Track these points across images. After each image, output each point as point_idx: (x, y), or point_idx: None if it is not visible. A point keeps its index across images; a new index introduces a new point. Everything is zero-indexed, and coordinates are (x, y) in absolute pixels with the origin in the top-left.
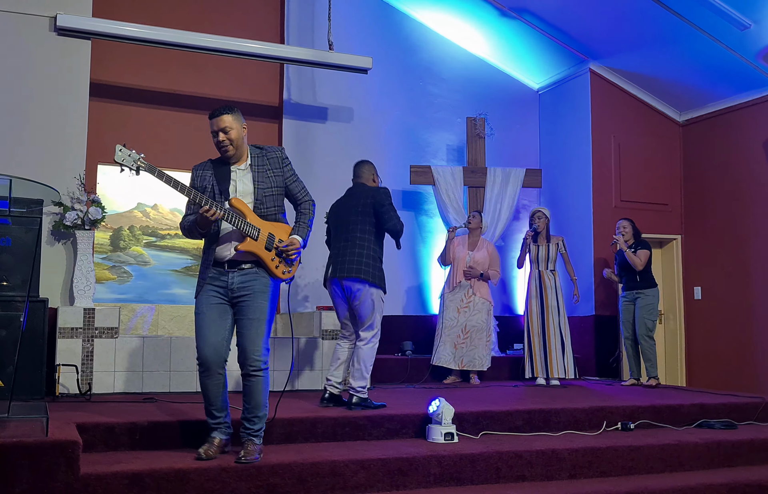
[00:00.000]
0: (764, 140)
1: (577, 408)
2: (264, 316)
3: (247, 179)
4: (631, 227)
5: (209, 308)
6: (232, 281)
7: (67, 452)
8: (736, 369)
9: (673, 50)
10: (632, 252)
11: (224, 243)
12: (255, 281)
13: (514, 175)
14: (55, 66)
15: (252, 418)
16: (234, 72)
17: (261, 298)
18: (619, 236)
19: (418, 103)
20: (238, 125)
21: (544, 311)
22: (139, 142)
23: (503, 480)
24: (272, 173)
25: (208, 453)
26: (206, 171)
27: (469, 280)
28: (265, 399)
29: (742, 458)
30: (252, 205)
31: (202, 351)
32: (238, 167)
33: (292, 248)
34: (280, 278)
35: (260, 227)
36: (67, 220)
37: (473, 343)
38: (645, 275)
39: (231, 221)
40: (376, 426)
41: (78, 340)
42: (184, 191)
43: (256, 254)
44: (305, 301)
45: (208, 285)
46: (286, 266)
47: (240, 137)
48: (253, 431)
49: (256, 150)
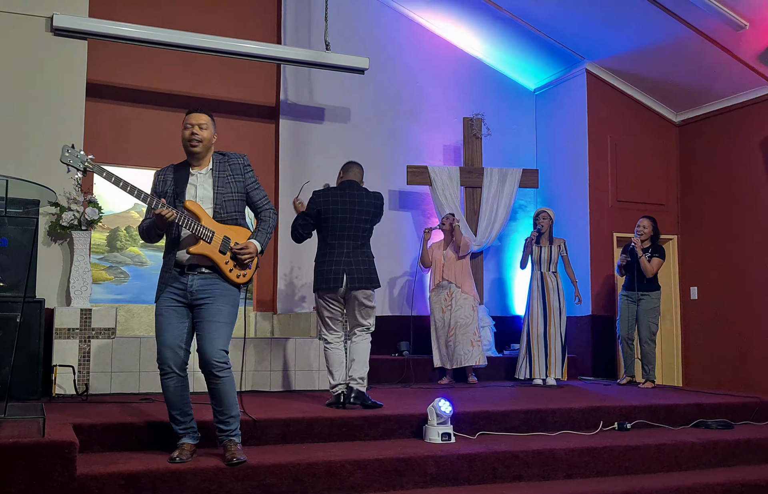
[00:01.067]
0: (760, 140)
1: (574, 408)
2: (224, 318)
3: (208, 184)
4: (651, 228)
5: (168, 311)
6: (191, 284)
7: (64, 452)
8: (732, 369)
9: (669, 50)
10: (647, 258)
11: (183, 247)
12: (214, 284)
13: (510, 175)
14: (51, 66)
15: (226, 420)
16: (231, 72)
17: (221, 301)
18: (637, 239)
19: (415, 104)
20: (212, 128)
21: (547, 313)
22: (135, 142)
23: (500, 480)
24: (233, 178)
25: (181, 457)
26: (167, 175)
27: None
28: (234, 397)
29: (738, 458)
30: (211, 209)
31: (161, 353)
32: (199, 171)
33: (246, 251)
34: (234, 281)
35: (215, 230)
36: (63, 220)
37: (458, 339)
38: (652, 277)
39: (183, 223)
40: (373, 426)
41: (75, 341)
42: (134, 193)
43: (208, 256)
44: (302, 301)
45: (168, 288)
46: (241, 269)
47: (210, 141)
48: (230, 432)
49: (219, 156)
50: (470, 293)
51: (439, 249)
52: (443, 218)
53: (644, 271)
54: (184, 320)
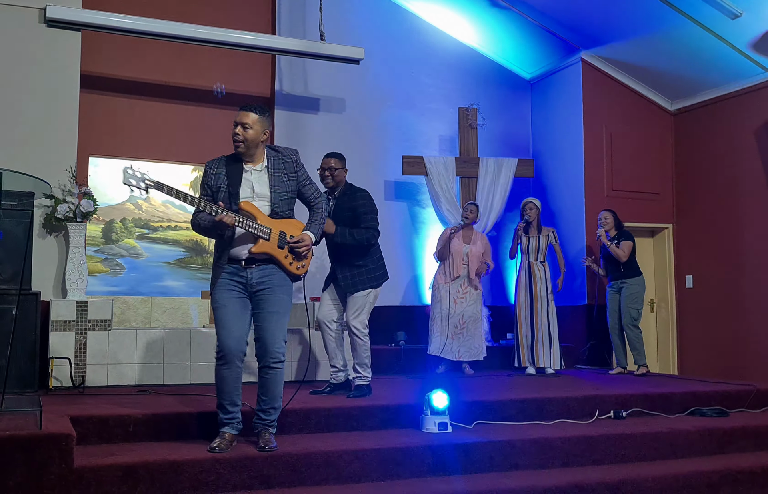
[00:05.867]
0: (755, 129)
1: (570, 397)
2: (283, 309)
3: (264, 182)
4: (612, 218)
5: (231, 301)
6: (251, 277)
7: (61, 444)
8: (727, 357)
9: (664, 39)
10: (615, 244)
11: (238, 245)
12: (273, 275)
13: (506, 165)
14: (45, 58)
15: (268, 409)
16: (225, 63)
17: (281, 292)
18: (601, 229)
19: (410, 94)
20: (260, 127)
21: (533, 302)
22: (129, 134)
23: (496, 469)
24: (287, 177)
25: (221, 447)
26: (220, 169)
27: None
28: (281, 390)
29: (733, 445)
30: (268, 207)
31: (225, 342)
32: (253, 168)
33: (302, 243)
34: (294, 273)
35: (271, 226)
36: (58, 213)
37: (470, 333)
38: (629, 264)
39: (242, 225)
40: (370, 416)
41: (71, 333)
42: (193, 202)
43: (269, 253)
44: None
45: (227, 280)
46: (299, 261)
47: (256, 140)
48: (269, 421)
49: (272, 152)
50: (480, 288)
51: (459, 241)
52: (466, 210)
53: (616, 257)
54: (246, 310)
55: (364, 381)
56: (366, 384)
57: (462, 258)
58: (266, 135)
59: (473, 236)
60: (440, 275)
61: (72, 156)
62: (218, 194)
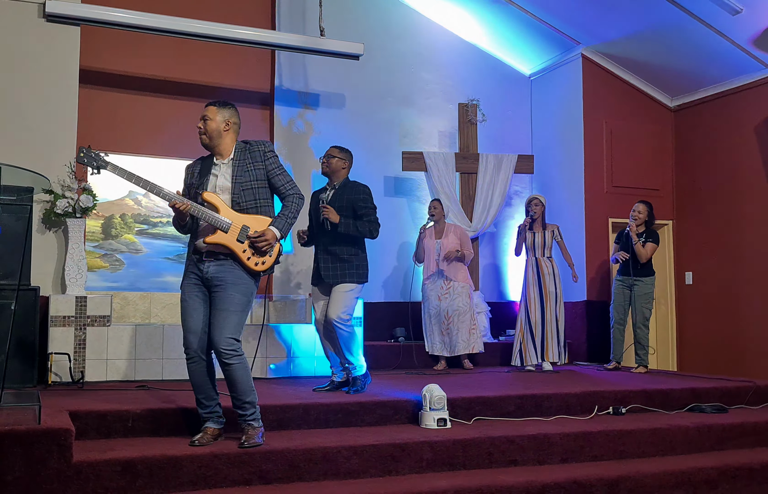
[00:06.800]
0: (756, 125)
1: (569, 393)
2: (234, 308)
3: (228, 174)
4: (646, 212)
5: (191, 297)
6: (207, 271)
7: (60, 439)
8: (727, 354)
9: (664, 35)
10: (641, 243)
11: (202, 236)
12: (228, 272)
13: (506, 161)
14: (44, 53)
15: (241, 405)
16: (225, 59)
17: (232, 289)
18: (632, 223)
19: (410, 90)
20: (220, 118)
21: (543, 298)
22: (128, 129)
23: (495, 464)
24: (253, 166)
25: (201, 441)
26: (195, 167)
27: (449, 263)
28: (249, 384)
29: (732, 441)
30: (230, 198)
31: (186, 338)
32: (221, 161)
33: (262, 239)
34: (252, 269)
35: (233, 219)
36: (57, 208)
37: (456, 327)
38: (647, 263)
39: (200, 215)
40: (369, 412)
41: (70, 328)
42: (147, 187)
43: (225, 245)
44: (297, 288)
45: (190, 274)
46: (259, 257)
47: (216, 131)
48: (246, 416)
49: (242, 145)
50: (465, 281)
51: (431, 239)
52: (430, 208)
53: (638, 256)
54: (207, 304)
55: (358, 371)
56: (361, 374)
57: (434, 254)
58: (228, 126)
59: (445, 230)
60: (424, 276)
61: (71, 151)
62: (191, 190)
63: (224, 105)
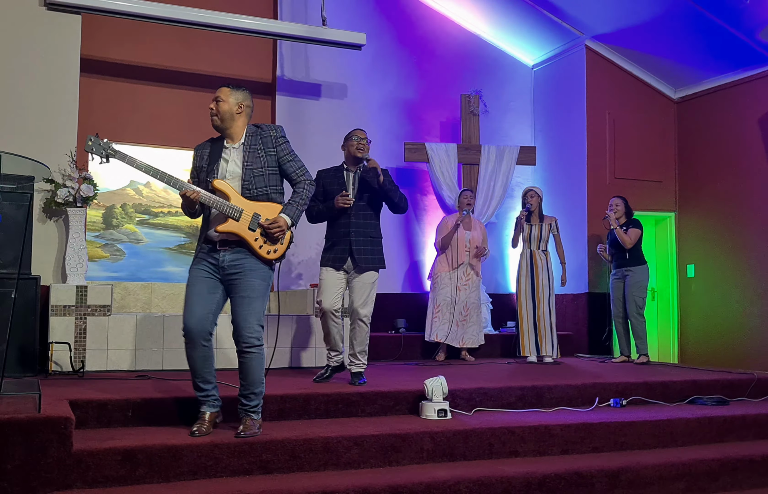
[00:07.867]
0: (759, 117)
1: (570, 385)
2: (255, 294)
3: (238, 159)
4: (623, 205)
5: (199, 281)
6: (223, 260)
7: (60, 428)
8: (728, 346)
9: (668, 26)
10: (623, 231)
11: (214, 225)
12: (245, 259)
13: (508, 152)
14: (45, 41)
15: (249, 394)
16: (227, 48)
17: (252, 276)
18: (611, 213)
19: (412, 80)
20: (233, 100)
21: (535, 290)
22: (130, 118)
23: (496, 455)
24: (264, 152)
25: (201, 431)
26: (205, 150)
27: (479, 259)
28: (261, 375)
29: (733, 434)
30: (240, 185)
31: (186, 321)
32: (232, 145)
33: (275, 226)
34: (264, 258)
35: (244, 207)
36: (58, 197)
37: (472, 320)
38: (634, 252)
39: (210, 203)
40: (370, 402)
41: (71, 318)
42: (157, 176)
43: (237, 234)
44: (299, 278)
45: (202, 260)
46: (271, 244)
47: (229, 113)
48: (250, 407)
49: (253, 129)
50: (479, 275)
51: (462, 230)
52: (467, 198)
53: (623, 243)
54: (214, 292)
55: (363, 367)
56: (364, 370)
57: (465, 246)
58: (241, 109)
59: (473, 223)
60: (442, 264)
61: (72, 140)
62: (200, 174)
63: (238, 87)
